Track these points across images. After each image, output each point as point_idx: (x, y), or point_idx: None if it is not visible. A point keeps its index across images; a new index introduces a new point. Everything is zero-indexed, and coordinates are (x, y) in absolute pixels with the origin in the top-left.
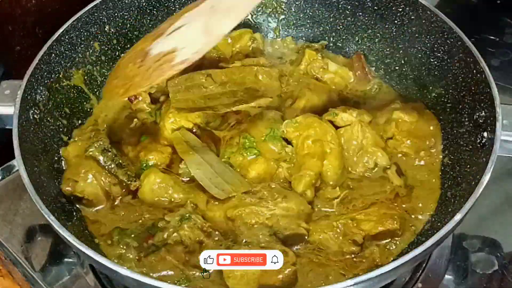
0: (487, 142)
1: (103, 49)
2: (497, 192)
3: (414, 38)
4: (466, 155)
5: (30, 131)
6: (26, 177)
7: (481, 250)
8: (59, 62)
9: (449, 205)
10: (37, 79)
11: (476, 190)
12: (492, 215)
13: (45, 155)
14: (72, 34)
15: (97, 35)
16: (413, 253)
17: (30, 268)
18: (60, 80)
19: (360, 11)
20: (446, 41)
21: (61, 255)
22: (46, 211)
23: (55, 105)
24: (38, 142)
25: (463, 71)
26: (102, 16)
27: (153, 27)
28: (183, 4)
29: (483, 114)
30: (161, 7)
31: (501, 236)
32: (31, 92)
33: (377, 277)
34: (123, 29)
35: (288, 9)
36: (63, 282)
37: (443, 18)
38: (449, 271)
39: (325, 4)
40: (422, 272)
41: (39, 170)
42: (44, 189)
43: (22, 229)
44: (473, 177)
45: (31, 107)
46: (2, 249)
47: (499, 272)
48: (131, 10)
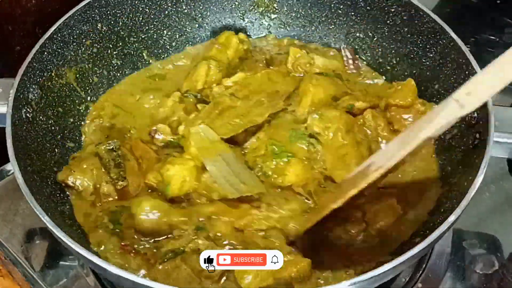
0: (479, 143)
1: (96, 47)
2: (496, 191)
3: (406, 39)
4: (459, 156)
5: (23, 130)
6: (20, 177)
7: (481, 250)
8: (51, 61)
9: (443, 206)
10: (29, 77)
11: (469, 192)
12: (492, 215)
13: (39, 154)
14: (65, 32)
15: (90, 33)
16: (405, 256)
17: (30, 268)
18: (53, 78)
19: (353, 11)
20: (439, 42)
21: (61, 255)
22: (41, 211)
23: (48, 104)
24: (31, 141)
25: (455, 72)
26: (95, 14)
27: (146, 25)
28: (176, 2)
29: (475, 115)
30: (153, 5)
31: (501, 236)
32: (24, 90)
33: (367, 280)
34: (116, 27)
35: (281, 8)
36: (63, 282)
37: (436, 18)
38: (449, 271)
39: (318, 4)
40: (422, 272)
41: (32, 169)
42: (38, 188)
43: (22, 229)
44: (466, 179)
45: (23, 106)
46: (2, 249)
47: (499, 272)
48: (123, 8)
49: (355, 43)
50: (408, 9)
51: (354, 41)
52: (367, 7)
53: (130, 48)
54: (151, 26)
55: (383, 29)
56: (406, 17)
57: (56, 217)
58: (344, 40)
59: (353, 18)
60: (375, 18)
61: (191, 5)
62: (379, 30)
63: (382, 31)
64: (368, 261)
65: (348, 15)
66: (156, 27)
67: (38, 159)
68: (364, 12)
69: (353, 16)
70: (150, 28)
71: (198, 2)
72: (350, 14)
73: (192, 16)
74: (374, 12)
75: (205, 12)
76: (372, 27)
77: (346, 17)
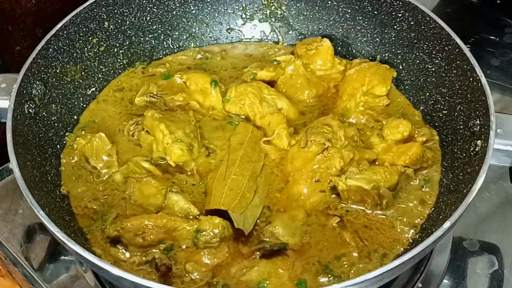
0: (480, 150)
1: (102, 45)
2: (497, 192)
3: (412, 44)
4: (460, 163)
5: (25, 125)
6: (17, 171)
7: (481, 250)
8: (56, 57)
9: (441, 212)
10: (33, 73)
11: (466, 199)
12: (492, 215)
13: (39, 150)
14: (71, 29)
15: (96, 31)
16: (395, 262)
17: (30, 267)
18: (57, 75)
19: (360, 16)
20: (444, 48)
21: (61, 255)
22: (36, 206)
23: (52, 100)
24: (33, 137)
25: (459, 78)
26: (102, 13)
27: (153, 25)
28: (184, 2)
29: (478, 122)
30: (161, 5)
31: (501, 236)
32: (27, 86)
33: (362, 283)
34: (123, 26)
35: (288, 12)
36: (63, 281)
37: (442, 24)
38: (449, 271)
39: (325, 7)
40: (422, 272)
41: (31, 165)
42: (36, 184)
43: (22, 229)
44: (465, 185)
45: (26, 101)
46: (2, 249)
47: (499, 272)
48: (130, 7)
49: (361, 48)
50: (415, 15)
51: (360, 46)
52: (375, 12)
53: (137, 47)
54: (159, 26)
55: (390, 33)
56: (413, 23)
57: (53, 213)
58: (351, 44)
59: (360, 22)
60: (382, 22)
61: (199, 6)
62: (386, 35)
63: (389, 36)
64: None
65: (356, 19)
66: (163, 27)
67: (39, 155)
68: (372, 16)
69: (360, 21)
70: (157, 28)
71: (206, 3)
72: (358, 19)
73: (200, 17)
74: (381, 17)
75: (213, 13)
76: (379, 31)
77: (354, 21)
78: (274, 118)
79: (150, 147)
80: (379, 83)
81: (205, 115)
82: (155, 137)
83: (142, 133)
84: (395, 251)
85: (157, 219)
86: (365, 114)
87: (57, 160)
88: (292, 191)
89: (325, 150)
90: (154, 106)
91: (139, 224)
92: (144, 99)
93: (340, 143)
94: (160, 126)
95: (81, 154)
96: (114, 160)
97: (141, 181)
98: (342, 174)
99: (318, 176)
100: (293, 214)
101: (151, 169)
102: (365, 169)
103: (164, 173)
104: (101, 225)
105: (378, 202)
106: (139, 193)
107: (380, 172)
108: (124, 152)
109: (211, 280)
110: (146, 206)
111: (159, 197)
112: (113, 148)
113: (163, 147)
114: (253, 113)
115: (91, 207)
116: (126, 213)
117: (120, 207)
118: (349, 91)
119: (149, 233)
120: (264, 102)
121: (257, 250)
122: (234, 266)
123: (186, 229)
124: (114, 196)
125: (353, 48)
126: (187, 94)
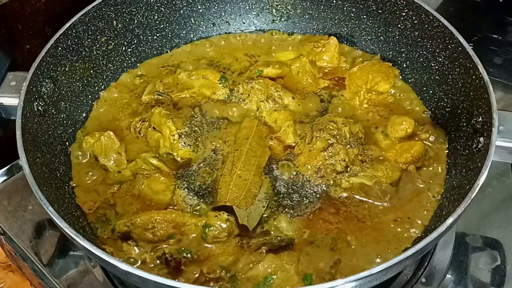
0: (483, 147)
1: (110, 44)
2: (499, 188)
3: (416, 42)
4: (463, 160)
5: (34, 122)
6: (27, 168)
7: (484, 245)
8: (65, 56)
9: (444, 208)
10: (43, 71)
11: (469, 195)
12: (495, 211)
13: (48, 147)
14: (80, 28)
15: (105, 30)
16: (399, 257)
17: (39, 263)
18: (66, 73)
19: (365, 14)
20: (448, 47)
21: (70, 250)
22: (45, 202)
23: (61, 98)
24: (42, 134)
25: (462, 76)
26: (110, 12)
27: (160, 24)
28: (191, 1)
29: (481, 119)
30: (168, 4)
31: (503, 232)
32: (37, 84)
33: (366, 278)
34: (131, 25)
35: (294, 11)
36: (72, 276)
37: (445, 23)
38: (452, 266)
39: (331, 7)
40: (426, 267)
41: (41, 161)
42: (45, 180)
43: (32, 225)
44: (468, 182)
45: (36, 99)
46: (12, 245)
47: (501, 267)
48: (139, 6)
49: (366, 46)
50: (419, 14)
51: (365, 44)
52: (379, 11)
53: (145, 46)
54: (166, 25)
55: (394, 32)
56: (416, 21)
57: (62, 209)
58: (355, 42)
59: (364, 21)
60: (386, 21)
61: (206, 5)
62: (390, 33)
63: (393, 34)
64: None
65: (360, 18)
66: (171, 25)
67: (48, 152)
68: (376, 15)
69: (364, 19)
70: (165, 26)
71: (213, 3)
72: (362, 17)
73: (207, 16)
74: (385, 16)
75: (220, 12)
76: (383, 30)
77: (358, 20)
78: (280, 114)
79: (157, 143)
80: (382, 80)
81: (212, 111)
82: (162, 133)
83: (149, 130)
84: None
85: (166, 214)
86: (369, 111)
87: (66, 157)
88: None
89: (330, 146)
90: (161, 103)
91: (149, 219)
92: (151, 97)
93: (345, 140)
94: (167, 123)
95: (90, 152)
96: (123, 158)
97: (149, 177)
98: (345, 172)
99: (323, 172)
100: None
101: (159, 165)
102: (368, 167)
103: (171, 169)
104: (110, 221)
105: (380, 197)
106: (148, 189)
107: (381, 169)
108: (131, 149)
109: (219, 274)
110: (155, 202)
111: (167, 193)
112: (122, 146)
113: (170, 143)
114: (260, 109)
115: (100, 203)
116: (135, 209)
117: (129, 203)
118: (353, 89)
119: (159, 228)
120: (271, 99)
121: (264, 245)
122: (241, 260)
123: (195, 224)
124: (123, 192)
125: (358, 47)
126: (194, 90)
